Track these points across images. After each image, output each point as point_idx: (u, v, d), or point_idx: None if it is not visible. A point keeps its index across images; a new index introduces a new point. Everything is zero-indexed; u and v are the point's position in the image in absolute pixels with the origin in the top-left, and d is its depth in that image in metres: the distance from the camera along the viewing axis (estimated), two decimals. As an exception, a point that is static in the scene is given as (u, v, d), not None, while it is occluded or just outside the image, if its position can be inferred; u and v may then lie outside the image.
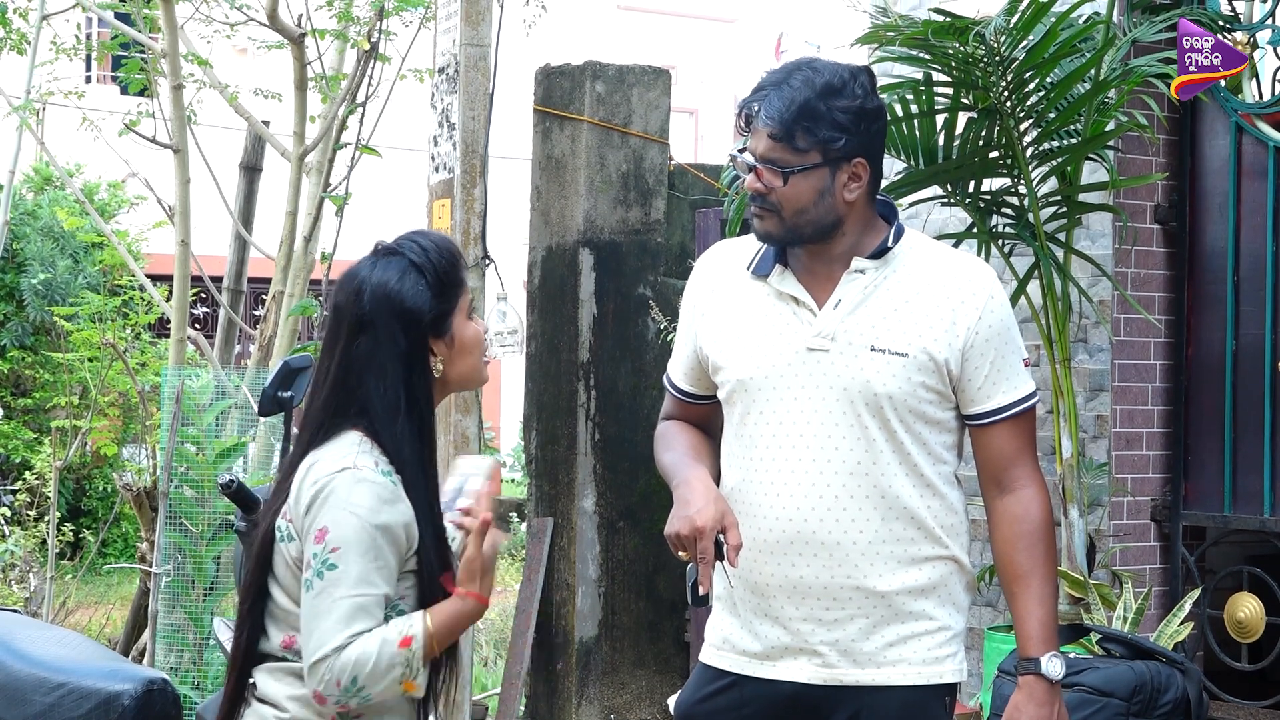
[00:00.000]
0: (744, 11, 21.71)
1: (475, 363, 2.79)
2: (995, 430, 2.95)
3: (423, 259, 2.71)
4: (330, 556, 2.57)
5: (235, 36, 7.51)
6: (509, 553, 13.05)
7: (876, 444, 2.88)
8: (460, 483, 2.77)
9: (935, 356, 2.88)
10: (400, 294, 2.68)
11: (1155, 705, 4.16)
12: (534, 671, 6.73)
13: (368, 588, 2.56)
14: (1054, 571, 2.96)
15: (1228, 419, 5.68)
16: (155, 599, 6.18)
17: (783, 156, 2.86)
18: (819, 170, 2.86)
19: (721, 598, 3.05)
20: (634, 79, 6.82)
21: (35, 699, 3.04)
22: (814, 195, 2.87)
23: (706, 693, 3.04)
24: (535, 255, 6.92)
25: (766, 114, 2.86)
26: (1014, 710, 2.91)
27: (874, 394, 2.87)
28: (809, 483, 2.89)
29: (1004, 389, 2.94)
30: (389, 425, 2.66)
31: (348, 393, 2.69)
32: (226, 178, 6.98)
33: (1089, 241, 5.65)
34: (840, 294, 2.91)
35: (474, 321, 2.79)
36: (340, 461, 2.63)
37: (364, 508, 2.58)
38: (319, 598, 2.57)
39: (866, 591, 2.90)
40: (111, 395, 11.08)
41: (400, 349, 2.68)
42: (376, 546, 2.58)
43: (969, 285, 2.93)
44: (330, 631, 2.55)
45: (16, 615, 3.56)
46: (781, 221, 2.88)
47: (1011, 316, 2.99)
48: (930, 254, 2.99)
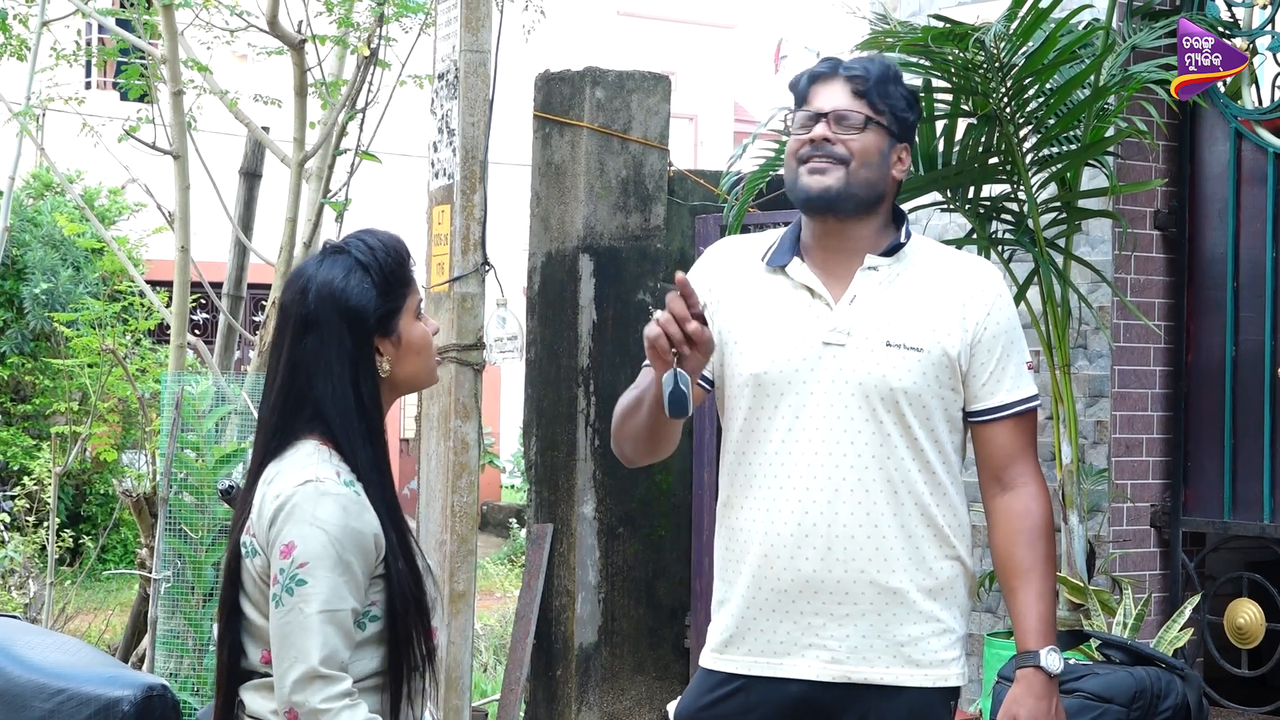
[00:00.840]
0: (744, 18, 21.73)
1: (424, 364, 2.76)
2: (998, 427, 2.98)
3: (368, 257, 2.68)
4: (298, 572, 2.54)
5: (235, 43, 7.50)
6: (509, 559, 13.06)
7: (891, 439, 2.90)
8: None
9: (949, 351, 2.92)
10: (345, 292, 2.65)
11: (1155, 711, 4.15)
12: (534, 677, 6.72)
13: (338, 603, 2.54)
14: (1053, 569, 2.97)
15: (1227, 425, 5.68)
16: (155, 605, 6.17)
17: (863, 109, 2.92)
18: (887, 134, 2.94)
19: (725, 602, 3.04)
20: (634, 85, 6.82)
21: (34, 705, 3.04)
22: (878, 156, 2.93)
23: (711, 699, 3.02)
24: (535, 261, 6.92)
25: (849, 69, 2.94)
26: (1012, 703, 2.93)
27: (890, 389, 2.89)
28: (825, 476, 2.90)
29: (1008, 386, 2.97)
30: (345, 429, 2.64)
31: (297, 394, 2.66)
32: (226, 184, 6.98)
33: (1089, 247, 5.65)
34: (855, 289, 2.93)
35: (423, 322, 2.76)
36: (302, 474, 2.60)
37: (330, 522, 2.55)
38: (289, 614, 2.54)
39: (880, 587, 2.90)
40: (111, 401, 11.07)
41: (346, 348, 2.65)
42: (345, 561, 2.55)
43: (978, 283, 2.97)
44: (304, 649, 2.52)
45: (16, 621, 3.56)
46: (845, 173, 2.90)
47: (1017, 318, 3.03)
48: (939, 254, 3.04)
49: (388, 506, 2.65)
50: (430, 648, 2.70)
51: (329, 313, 2.65)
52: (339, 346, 2.65)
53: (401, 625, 2.64)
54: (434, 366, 2.80)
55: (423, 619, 2.67)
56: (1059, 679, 2.94)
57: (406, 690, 2.67)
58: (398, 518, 2.66)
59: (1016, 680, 2.94)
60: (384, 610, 2.63)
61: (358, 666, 2.61)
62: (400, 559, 2.64)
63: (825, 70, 2.97)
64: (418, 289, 2.76)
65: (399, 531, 2.65)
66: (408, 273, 2.73)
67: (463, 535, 5.07)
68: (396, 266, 2.71)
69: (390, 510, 2.65)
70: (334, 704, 2.53)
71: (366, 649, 2.64)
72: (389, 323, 2.69)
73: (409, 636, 2.65)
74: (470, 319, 5.11)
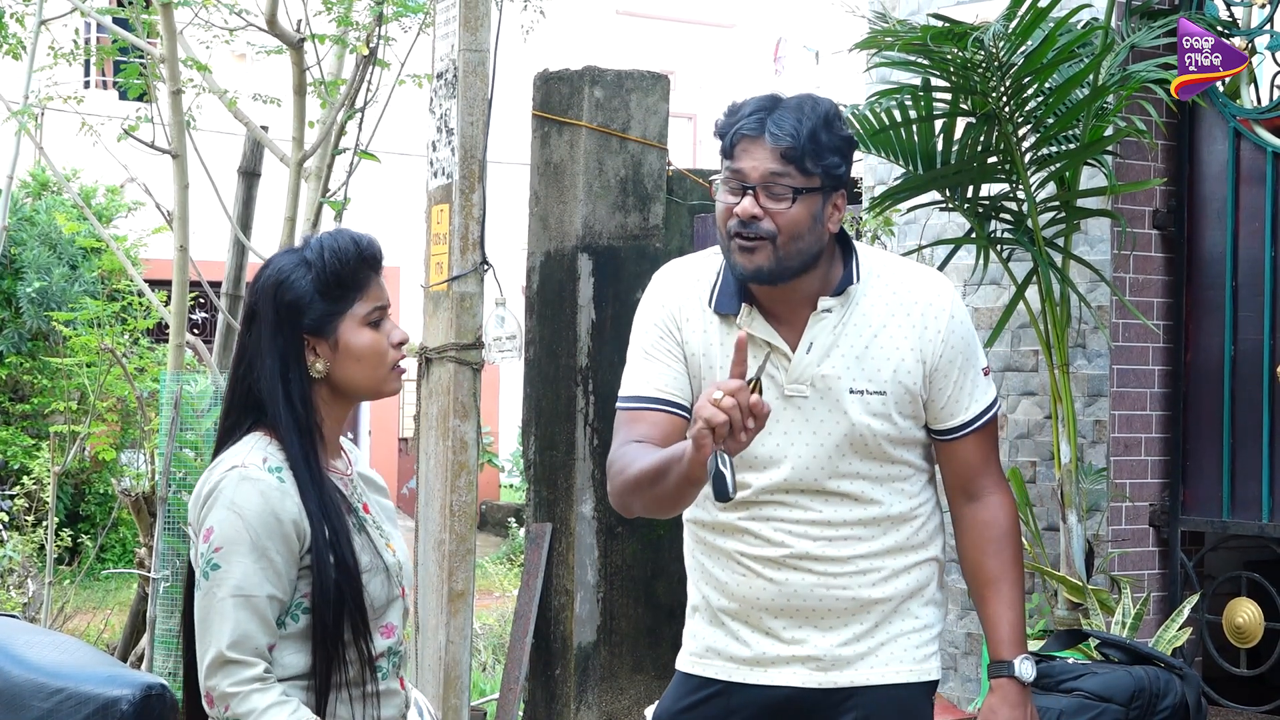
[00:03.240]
0: (743, 17, 21.73)
1: (367, 372, 2.72)
2: (963, 443, 2.97)
3: (315, 257, 2.68)
4: (214, 556, 2.57)
5: (234, 42, 7.50)
6: (508, 558, 13.06)
7: (862, 475, 2.90)
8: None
9: (910, 388, 2.89)
10: (283, 287, 2.67)
11: (1154, 711, 4.16)
12: (532, 677, 6.72)
13: (252, 588, 2.56)
14: (1021, 575, 3.00)
15: (1226, 424, 5.68)
16: (154, 604, 6.17)
17: (791, 177, 2.77)
18: (816, 196, 2.80)
19: (700, 609, 3.03)
20: (632, 84, 6.82)
21: (33, 704, 3.04)
22: (809, 222, 2.80)
23: (689, 702, 3.01)
24: (534, 260, 6.92)
25: (776, 131, 2.76)
26: (989, 712, 2.95)
27: (859, 434, 2.87)
28: (800, 509, 2.89)
29: (967, 405, 2.95)
30: (275, 418, 2.67)
31: (241, 381, 2.71)
32: (225, 183, 6.98)
33: (1087, 247, 5.65)
34: (810, 336, 2.87)
35: (377, 331, 2.72)
36: (231, 460, 2.64)
37: (247, 507, 2.58)
38: (206, 598, 2.57)
39: (862, 601, 2.93)
40: (110, 400, 11.07)
41: (277, 342, 2.67)
42: (261, 546, 2.57)
43: (930, 307, 2.91)
44: (217, 633, 2.55)
45: (14, 620, 3.55)
46: (774, 252, 2.78)
47: (971, 329, 2.99)
48: (890, 280, 2.93)
49: (320, 500, 2.64)
50: (368, 648, 2.67)
51: (267, 304, 2.69)
52: (271, 339, 2.67)
53: (328, 621, 2.62)
54: (385, 376, 2.74)
55: (357, 617, 2.64)
56: (1041, 683, 2.96)
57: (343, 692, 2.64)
58: (331, 511, 2.65)
59: (992, 690, 2.97)
60: (313, 605, 2.63)
61: (287, 661, 2.62)
62: (331, 552, 2.62)
63: (752, 131, 2.78)
64: (379, 298, 2.72)
65: (333, 526, 2.64)
66: (358, 278, 2.70)
67: (461, 534, 5.07)
68: (341, 270, 2.68)
69: (323, 503, 2.64)
70: (243, 688, 2.54)
71: (294, 643, 2.63)
72: (326, 324, 2.68)
73: (338, 634, 2.63)
74: (469, 318, 5.11)
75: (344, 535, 2.65)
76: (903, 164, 5.23)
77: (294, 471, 2.64)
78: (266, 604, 2.57)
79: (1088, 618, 5.02)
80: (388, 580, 2.72)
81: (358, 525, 2.72)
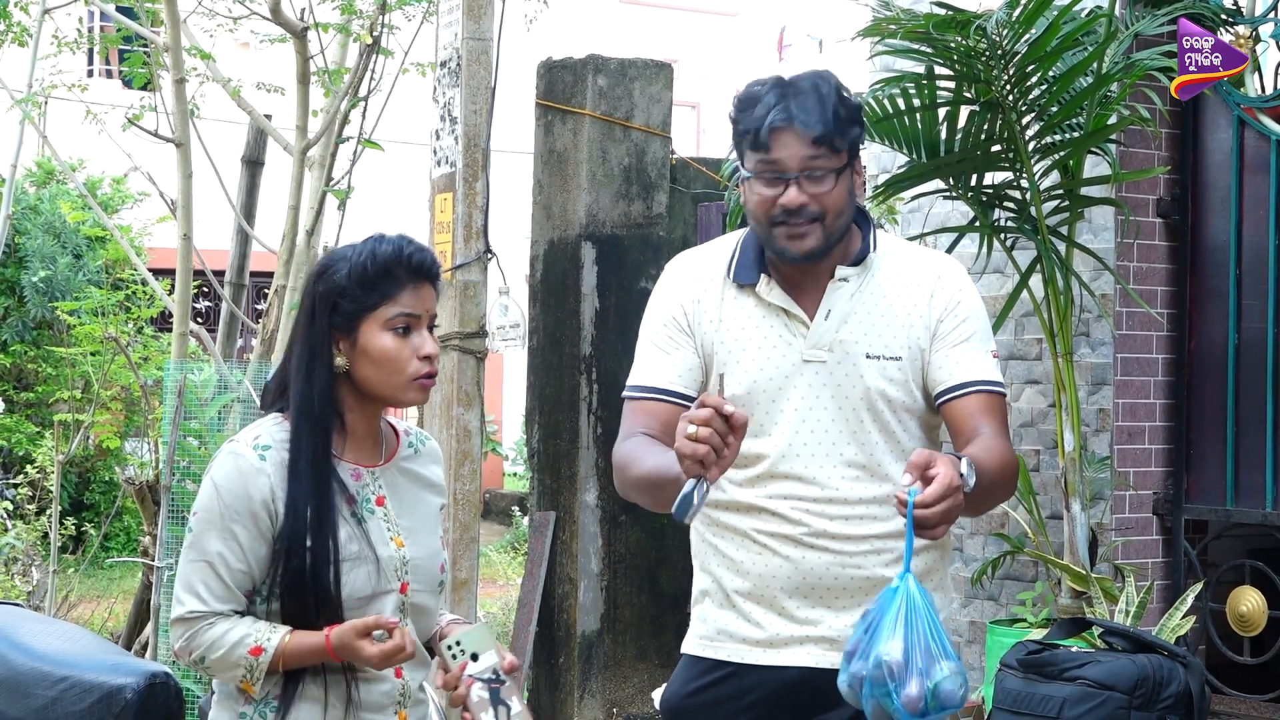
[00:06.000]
0: (746, 5, 21.69)
1: (386, 379, 2.73)
2: (966, 401, 2.92)
3: (355, 254, 2.74)
4: (192, 520, 2.70)
5: (238, 31, 7.49)
6: (511, 546, 13.06)
7: (878, 445, 2.93)
8: (485, 662, 2.74)
9: (921, 353, 2.94)
10: (322, 278, 2.75)
11: (1157, 699, 4.15)
12: (536, 665, 6.73)
13: (212, 556, 2.65)
14: (1003, 481, 2.86)
15: (1230, 413, 5.68)
16: (158, 593, 6.18)
17: (826, 159, 2.85)
18: (848, 170, 2.89)
19: (711, 593, 3.04)
20: (636, 73, 6.81)
21: (37, 693, 3.04)
22: (848, 196, 2.90)
23: (700, 684, 3.02)
24: (537, 249, 6.92)
25: (805, 118, 2.83)
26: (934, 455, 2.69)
27: (874, 400, 2.92)
28: (818, 486, 2.91)
29: (970, 367, 2.94)
30: (291, 401, 2.74)
31: (284, 364, 2.81)
32: (229, 172, 6.97)
33: (1091, 235, 5.65)
34: (828, 304, 2.93)
35: (403, 339, 2.72)
36: (237, 435, 2.76)
37: (222, 481, 2.68)
38: (180, 560, 2.70)
39: (875, 581, 2.93)
40: (114, 389, 11.08)
41: (312, 330, 2.74)
42: (225, 518, 2.66)
43: (941, 279, 2.98)
44: (179, 594, 2.67)
45: (19, 609, 3.56)
46: (824, 231, 2.87)
47: (982, 310, 3.02)
48: (904, 254, 3.03)
49: (310, 485, 2.68)
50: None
51: (309, 292, 2.78)
52: (306, 326, 2.75)
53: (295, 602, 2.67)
54: (402, 385, 2.74)
55: (325, 608, 2.67)
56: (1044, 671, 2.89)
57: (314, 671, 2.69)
58: (319, 498, 2.68)
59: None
60: (279, 598, 2.69)
61: None
62: (309, 536, 2.66)
63: (782, 121, 2.83)
64: (411, 306, 2.73)
65: (318, 512, 2.67)
66: (389, 282, 2.72)
67: (465, 523, 5.08)
68: (374, 272, 2.72)
69: (312, 489, 2.68)
70: (192, 627, 2.66)
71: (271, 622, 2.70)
72: (350, 322, 2.72)
73: (304, 617, 2.67)
74: (473, 307, 5.11)
75: (327, 522, 2.68)
76: (906, 152, 5.23)
77: (291, 455, 2.68)
78: (229, 574, 2.66)
79: (1091, 606, 5.03)
80: (376, 572, 2.73)
81: (357, 516, 2.74)
